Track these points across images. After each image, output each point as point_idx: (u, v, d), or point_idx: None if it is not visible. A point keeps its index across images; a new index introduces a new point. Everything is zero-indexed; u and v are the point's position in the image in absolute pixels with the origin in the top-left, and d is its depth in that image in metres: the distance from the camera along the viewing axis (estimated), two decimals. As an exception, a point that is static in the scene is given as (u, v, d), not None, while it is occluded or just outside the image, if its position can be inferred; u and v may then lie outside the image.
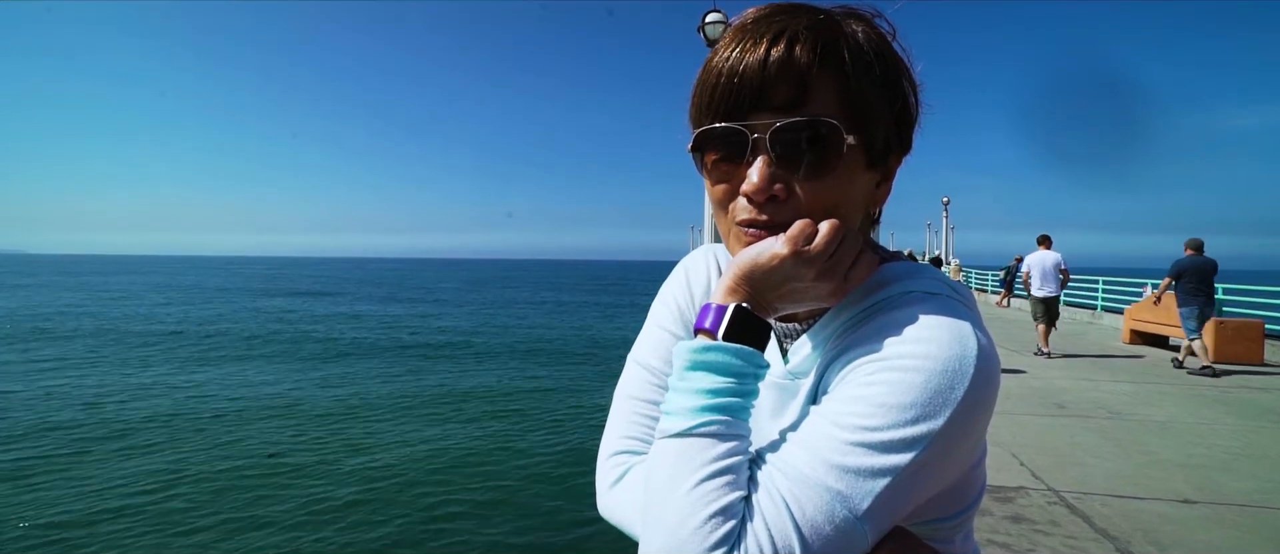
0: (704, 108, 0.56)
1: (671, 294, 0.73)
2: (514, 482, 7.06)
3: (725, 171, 0.56)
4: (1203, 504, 3.27)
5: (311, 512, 6.10)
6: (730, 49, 0.54)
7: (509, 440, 8.64)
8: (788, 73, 0.52)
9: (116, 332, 19.86)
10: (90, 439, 8.26)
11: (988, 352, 0.50)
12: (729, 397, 0.50)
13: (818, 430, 0.49)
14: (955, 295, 0.56)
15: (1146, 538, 2.86)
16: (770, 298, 0.54)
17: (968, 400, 0.48)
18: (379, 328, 22.35)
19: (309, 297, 37.89)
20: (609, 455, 0.64)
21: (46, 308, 27.65)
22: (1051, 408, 5.44)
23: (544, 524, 5.96)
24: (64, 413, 9.58)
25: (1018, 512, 3.16)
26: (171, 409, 9.98)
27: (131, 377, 12.41)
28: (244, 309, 28.87)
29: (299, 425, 9.22)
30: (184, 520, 5.84)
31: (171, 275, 60.62)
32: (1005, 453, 4.11)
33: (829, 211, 0.53)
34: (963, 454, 0.51)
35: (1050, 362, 8.00)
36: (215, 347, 16.93)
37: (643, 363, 0.68)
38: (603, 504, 0.63)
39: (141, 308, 28.61)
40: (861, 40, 0.54)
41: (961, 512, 0.58)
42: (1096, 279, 14.21)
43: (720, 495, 0.46)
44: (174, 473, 7.06)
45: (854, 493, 0.46)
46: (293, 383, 12.30)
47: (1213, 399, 5.88)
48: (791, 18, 0.54)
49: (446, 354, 16.42)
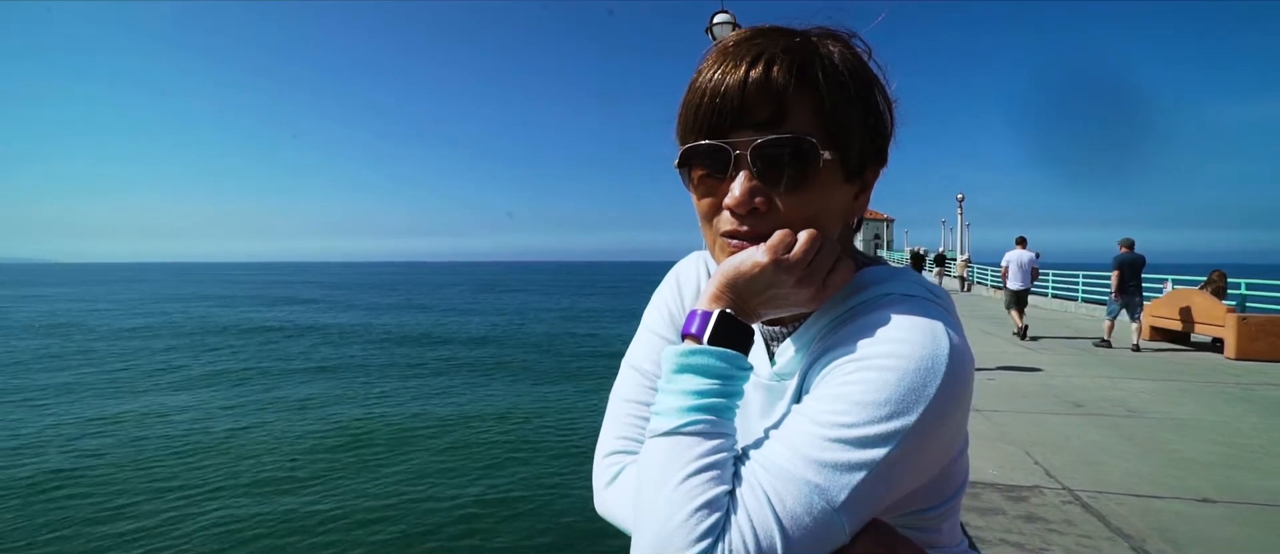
0: (689, 125, 0.59)
1: (663, 300, 0.76)
2: (518, 482, 7.19)
3: (710, 186, 0.59)
4: (1223, 503, 3.23)
5: (339, 511, 6.21)
6: (713, 70, 0.58)
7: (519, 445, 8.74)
8: (766, 93, 0.55)
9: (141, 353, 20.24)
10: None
11: (960, 350, 0.53)
12: (714, 397, 0.54)
13: (798, 428, 0.52)
14: (931, 297, 0.59)
15: (1162, 536, 2.83)
16: (753, 304, 0.57)
17: (940, 397, 0.51)
18: (401, 337, 22.56)
19: (316, 305, 38.32)
20: (604, 456, 0.68)
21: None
22: (1068, 406, 5.39)
23: (547, 525, 6.06)
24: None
25: (1031, 511, 3.14)
26: (169, 431, 10.16)
27: (111, 404, 12.45)
28: (263, 320, 29.28)
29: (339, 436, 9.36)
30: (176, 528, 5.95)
31: (161, 286, 61.34)
32: (1019, 451, 4.08)
33: (808, 222, 0.57)
34: (938, 448, 0.54)
35: (1061, 361, 7.91)
36: (220, 361, 17.20)
37: (636, 366, 0.72)
38: (599, 502, 0.66)
39: (140, 319, 29.13)
40: (837, 60, 0.58)
41: (944, 502, 0.60)
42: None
43: (706, 490, 0.49)
44: (178, 493, 7.21)
45: (831, 486, 0.49)
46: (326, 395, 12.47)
47: (1236, 396, 5.78)
48: (770, 41, 0.57)
49: (460, 359, 16.58)
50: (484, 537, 5.81)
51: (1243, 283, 10.09)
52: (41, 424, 9.58)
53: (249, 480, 7.18)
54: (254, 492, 6.83)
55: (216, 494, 6.78)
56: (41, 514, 6.25)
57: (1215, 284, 9.31)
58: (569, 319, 28.66)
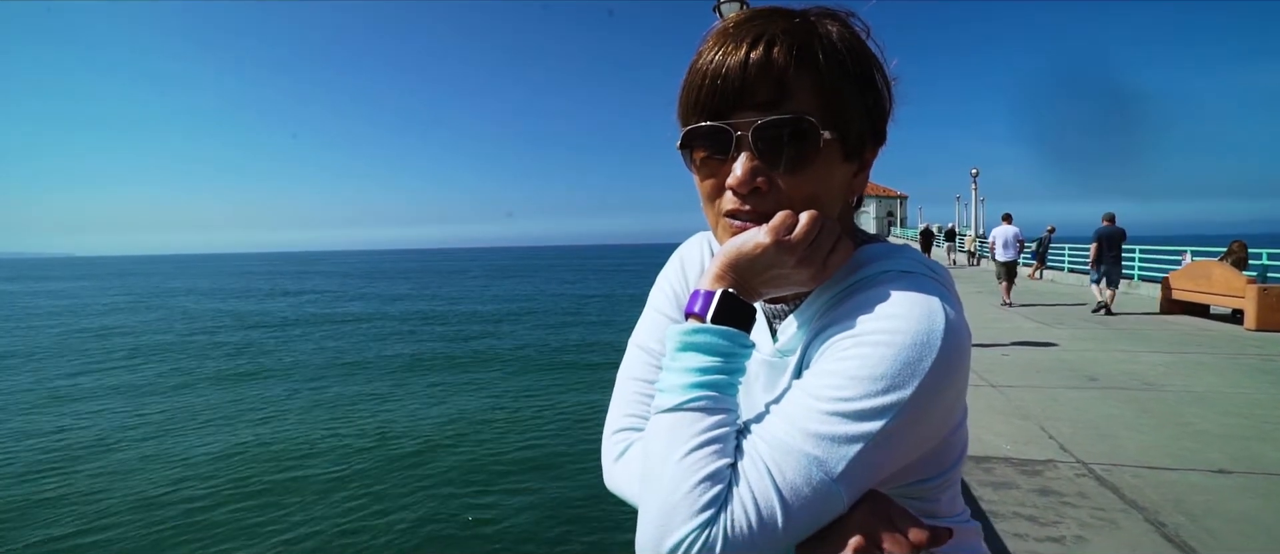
0: (691, 107, 0.60)
1: (668, 281, 0.78)
2: (528, 459, 7.41)
3: (712, 167, 0.60)
4: (1238, 474, 3.22)
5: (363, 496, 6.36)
6: (713, 52, 0.58)
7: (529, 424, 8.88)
8: (767, 73, 0.56)
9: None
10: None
11: (956, 325, 0.54)
12: (716, 374, 0.55)
13: (797, 402, 0.53)
14: (929, 273, 0.60)
15: (1177, 508, 2.83)
16: (755, 283, 0.58)
17: (935, 371, 0.52)
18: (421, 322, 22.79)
19: (327, 296, 38.74)
20: (612, 432, 0.70)
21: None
22: (1083, 380, 5.36)
23: (558, 499, 6.19)
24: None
25: (1045, 484, 3.15)
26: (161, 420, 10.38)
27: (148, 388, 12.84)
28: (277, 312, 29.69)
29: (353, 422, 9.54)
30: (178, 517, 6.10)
31: (164, 278, 62.26)
32: (1034, 426, 4.08)
33: (808, 202, 0.58)
34: (935, 421, 0.55)
35: (1078, 336, 7.84)
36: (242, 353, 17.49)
37: (642, 346, 0.74)
38: (608, 477, 0.69)
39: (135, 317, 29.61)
40: (836, 40, 0.58)
41: (943, 474, 0.62)
42: (1132, 248, 13.79)
43: (709, 463, 0.51)
44: (180, 471, 7.39)
45: (830, 458, 0.50)
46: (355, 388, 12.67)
47: (1255, 368, 5.72)
48: (769, 22, 0.58)
49: (476, 343, 16.76)
50: (499, 512, 5.94)
51: (1264, 253, 9.90)
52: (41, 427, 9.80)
53: (247, 475, 7.34)
54: (255, 487, 6.98)
55: (224, 487, 6.96)
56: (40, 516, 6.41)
57: (1236, 255, 9.15)
58: (575, 301, 28.82)
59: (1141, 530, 2.65)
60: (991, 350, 6.73)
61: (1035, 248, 16.83)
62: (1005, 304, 10.84)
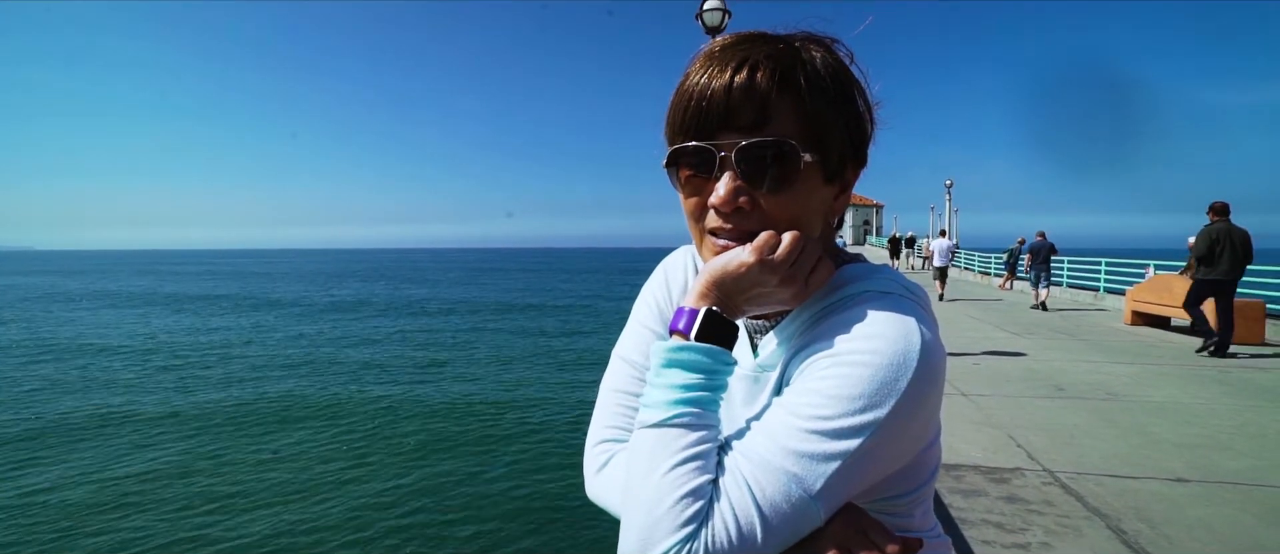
0: (676, 127, 0.61)
1: (652, 294, 0.79)
2: (509, 468, 7.28)
3: (696, 185, 0.62)
4: (1196, 482, 3.33)
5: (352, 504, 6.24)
6: (700, 75, 0.60)
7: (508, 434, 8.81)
8: (750, 97, 0.57)
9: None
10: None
11: (931, 345, 0.56)
12: (699, 391, 0.57)
13: (777, 419, 0.55)
14: (906, 293, 0.62)
15: (1138, 516, 2.93)
16: (738, 301, 0.59)
17: (911, 391, 0.54)
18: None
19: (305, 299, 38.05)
20: (594, 443, 0.71)
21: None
22: (1051, 390, 5.50)
23: (538, 508, 6.15)
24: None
25: (1013, 492, 3.22)
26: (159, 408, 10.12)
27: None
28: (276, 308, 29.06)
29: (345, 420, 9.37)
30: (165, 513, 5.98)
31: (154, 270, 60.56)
32: (1002, 435, 4.17)
33: (791, 222, 0.59)
34: (910, 438, 0.57)
35: (1045, 346, 8.05)
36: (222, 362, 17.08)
37: (625, 358, 0.75)
38: (590, 488, 0.69)
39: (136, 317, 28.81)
40: (819, 66, 0.60)
41: (917, 489, 0.63)
42: (1099, 261, 14.19)
43: (691, 479, 0.52)
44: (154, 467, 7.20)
45: (808, 475, 0.52)
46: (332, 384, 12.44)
47: (1212, 379, 5.92)
48: (754, 47, 0.59)
49: (451, 339, 16.58)
50: (479, 522, 5.88)
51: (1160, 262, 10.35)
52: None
53: (237, 469, 7.19)
54: (237, 483, 6.84)
55: (205, 486, 6.79)
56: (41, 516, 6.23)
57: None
58: (559, 304, 28.72)
59: (1103, 537, 2.73)
60: (964, 359, 6.88)
61: (1006, 258, 17.38)
62: (939, 298, 14.37)
